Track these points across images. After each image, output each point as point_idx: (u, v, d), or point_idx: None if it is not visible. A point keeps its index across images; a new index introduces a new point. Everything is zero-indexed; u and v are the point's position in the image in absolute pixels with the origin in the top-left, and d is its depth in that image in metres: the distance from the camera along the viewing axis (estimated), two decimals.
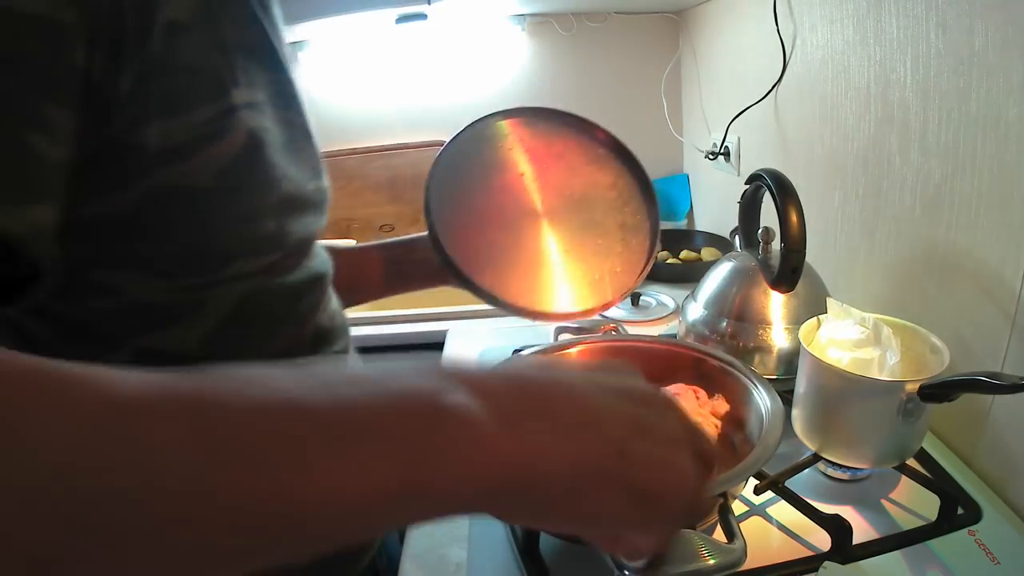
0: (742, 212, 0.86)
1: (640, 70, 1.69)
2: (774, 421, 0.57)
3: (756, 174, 0.79)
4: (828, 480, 0.66)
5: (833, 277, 0.88)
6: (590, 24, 1.66)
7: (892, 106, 0.78)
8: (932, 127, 0.71)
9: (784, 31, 1.03)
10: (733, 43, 1.31)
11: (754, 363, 0.76)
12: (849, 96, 0.88)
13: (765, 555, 0.55)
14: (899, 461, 0.61)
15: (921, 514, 0.59)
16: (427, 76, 1.72)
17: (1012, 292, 0.60)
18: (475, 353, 1.07)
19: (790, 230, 0.71)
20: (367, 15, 1.39)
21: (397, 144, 1.75)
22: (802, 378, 0.64)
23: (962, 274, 0.68)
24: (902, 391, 0.55)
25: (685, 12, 1.60)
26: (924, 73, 0.71)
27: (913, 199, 0.75)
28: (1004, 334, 0.62)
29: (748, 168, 1.17)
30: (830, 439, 0.62)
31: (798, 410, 0.65)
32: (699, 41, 1.52)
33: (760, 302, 0.77)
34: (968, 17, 0.64)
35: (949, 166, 0.68)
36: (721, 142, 1.33)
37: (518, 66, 1.70)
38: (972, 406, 0.65)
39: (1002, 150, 0.61)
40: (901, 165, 0.77)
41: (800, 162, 1.04)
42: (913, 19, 0.72)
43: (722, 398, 0.65)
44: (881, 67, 0.79)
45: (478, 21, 1.65)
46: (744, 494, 0.63)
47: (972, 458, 0.67)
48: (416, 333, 1.23)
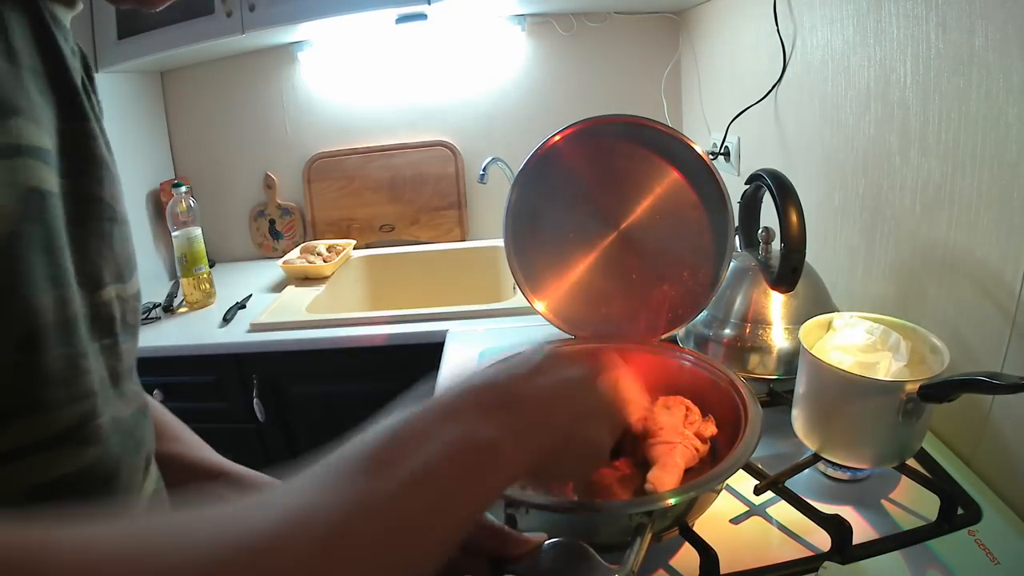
0: (742, 212, 0.86)
1: (640, 70, 1.69)
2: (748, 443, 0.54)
3: (756, 174, 0.79)
4: (828, 480, 0.66)
5: (833, 277, 0.88)
6: (590, 24, 1.66)
7: (892, 106, 0.78)
8: (932, 127, 0.71)
9: (784, 31, 1.03)
10: (733, 43, 1.31)
11: (754, 363, 0.76)
12: (849, 96, 0.88)
13: (765, 555, 0.55)
14: (899, 461, 0.61)
15: (921, 514, 0.59)
16: (427, 76, 1.72)
17: (1012, 292, 0.60)
18: (475, 353, 1.07)
19: (790, 230, 0.71)
20: (367, 15, 1.39)
21: (397, 144, 1.75)
22: (802, 378, 0.64)
23: (962, 274, 0.68)
24: (902, 391, 0.55)
25: (685, 12, 1.60)
26: (924, 73, 0.71)
27: (913, 199, 0.75)
28: (1004, 334, 0.62)
29: (748, 168, 1.17)
30: (830, 439, 0.62)
31: (798, 410, 0.65)
32: (699, 41, 1.52)
33: (760, 302, 0.77)
34: (968, 17, 0.64)
35: (949, 166, 0.68)
36: (721, 142, 1.33)
37: (518, 66, 1.71)
38: (972, 406, 0.65)
39: (1002, 150, 0.61)
40: (901, 165, 0.77)
41: (800, 162, 1.04)
42: (913, 19, 0.72)
43: (712, 421, 0.62)
44: (881, 67, 0.79)
45: (478, 21, 1.65)
46: (744, 494, 0.63)
47: (972, 458, 0.67)
48: (416, 333, 1.23)
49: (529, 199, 0.78)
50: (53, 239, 0.30)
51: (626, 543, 0.45)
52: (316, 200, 1.79)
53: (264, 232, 1.82)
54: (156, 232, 1.67)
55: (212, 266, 1.56)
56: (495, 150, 1.59)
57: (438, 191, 1.76)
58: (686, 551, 0.55)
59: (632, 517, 0.47)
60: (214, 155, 1.79)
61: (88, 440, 0.32)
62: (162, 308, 1.43)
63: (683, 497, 0.49)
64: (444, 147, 1.75)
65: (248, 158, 1.79)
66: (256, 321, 1.30)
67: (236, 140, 1.78)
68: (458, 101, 1.73)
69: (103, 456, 0.33)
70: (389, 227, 1.79)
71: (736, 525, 0.60)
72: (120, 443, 0.35)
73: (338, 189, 1.78)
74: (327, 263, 1.56)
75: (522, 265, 0.79)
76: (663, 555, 0.56)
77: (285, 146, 1.78)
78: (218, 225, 1.80)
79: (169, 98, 1.76)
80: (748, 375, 0.75)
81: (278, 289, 1.53)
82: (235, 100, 1.76)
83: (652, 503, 0.48)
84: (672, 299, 0.75)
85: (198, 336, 1.31)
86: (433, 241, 1.78)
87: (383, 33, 1.65)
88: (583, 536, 0.41)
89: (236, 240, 1.84)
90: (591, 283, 0.77)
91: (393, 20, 1.46)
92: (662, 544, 0.54)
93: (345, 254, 1.63)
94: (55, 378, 0.30)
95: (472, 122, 1.74)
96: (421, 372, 0.69)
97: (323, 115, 1.76)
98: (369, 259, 1.72)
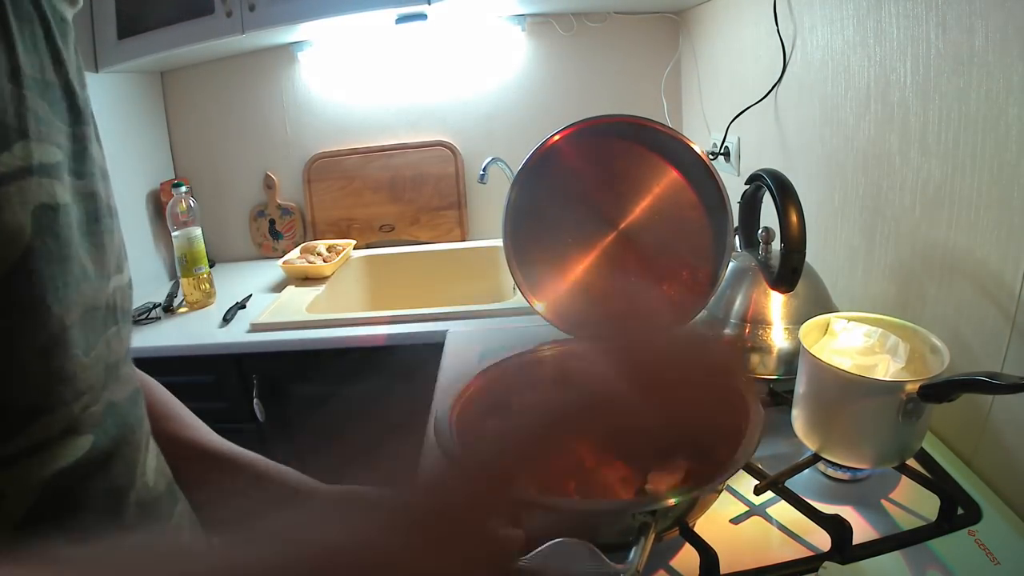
0: (742, 212, 0.86)
1: (640, 70, 1.69)
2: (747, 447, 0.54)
3: (756, 174, 0.79)
4: (828, 480, 0.66)
5: (833, 277, 0.88)
6: (590, 24, 1.66)
7: (892, 106, 0.78)
8: (932, 127, 0.71)
9: (784, 31, 1.03)
10: (733, 43, 1.31)
11: (754, 363, 0.76)
12: (849, 96, 0.88)
13: (765, 555, 0.55)
14: (899, 461, 0.61)
15: (921, 514, 0.59)
16: (427, 76, 1.72)
17: (1012, 292, 0.60)
18: (475, 353, 1.07)
19: (790, 230, 0.71)
20: (367, 15, 1.39)
21: (397, 144, 1.75)
22: (802, 378, 0.64)
23: (962, 274, 0.68)
24: (902, 391, 0.55)
25: (685, 12, 1.60)
26: (924, 73, 0.71)
27: (913, 199, 0.75)
28: (1004, 334, 0.62)
29: (748, 168, 1.17)
30: (830, 439, 0.62)
31: (798, 410, 0.65)
32: (699, 41, 1.52)
33: (760, 302, 0.77)
34: (968, 17, 0.64)
35: (949, 166, 0.68)
36: (721, 142, 1.33)
37: (518, 66, 1.70)
38: (972, 406, 0.65)
39: (1002, 150, 0.61)
40: (901, 165, 0.77)
41: (800, 162, 1.04)
42: (913, 19, 0.72)
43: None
44: (881, 67, 0.79)
45: (478, 21, 1.65)
46: (744, 494, 0.63)
47: (972, 458, 0.67)
48: (416, 333, 1.23)
49: (529, 199, 0.78)
50: (65, 248, 0.32)
51: (626, 543, 0.45)
52: (316, 200, 1.79)
53: (264, 232, 1.82)
54: (156, 232, 1.67)
55: (212, 266, 1.56)
56: (495, 150, 1.59)
57: (438, 191, 1.76)
58: (686, 551, 0.55)
59: (635, 516, 0.47)
60: (214, 155, 1.79)
61: (84, 428, 0.33)
62: (162, 308, 1.43)
63: (685, 497, 0.49)
64: (444, 147, 1.75)
65: (248, 158, 1.79)
66: (256, 321, 1.30)
67: (236, 140, 1.78)
68: (458, 101, 1.73)
69: (99, 441, 0.34)
70: (389, 227, 1.79)
71: (736, 525, 0.60)
72: (116, 426, 0.36)
73: (338, 189, 1.78)
74: (327, 263, 1.56)
75: (521, 265, 0.79)
76: (663, 555, 0.56)
77: (285, 146, 1.78)
78: (218, 225, 1.80)
79: (169, 98, 1.76)
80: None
81: (278, 289, 1.53)
82: (235, 100, 1.76)
83: (655, 502, 0.48)
84: (672, 299, 0.75)
85: (198, 336, 1.31)
86: (433, 241, 1.78)
87: (383, 33, 1.65)
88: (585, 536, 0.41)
89: (236, 240, 1.84)
90: (590, 283, 0.78)
91: (393, 20, 1.46)
92: (662, 544, 0.54)
93: (345, 254, 1.63)
94: (68, 376, 0.32)
95: (472, 122, 1.74)
96: (421, 372, 0.69)
97: (323, 115, 1.76)
98: (369, 259, 1.72)
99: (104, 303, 0.36)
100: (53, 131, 0.32)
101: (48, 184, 0.31)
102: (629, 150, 0.75)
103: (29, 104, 0.31)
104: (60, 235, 0.32)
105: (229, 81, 1.74)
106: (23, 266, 0.29)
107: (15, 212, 0.29)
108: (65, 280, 0.32)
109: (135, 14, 1.45)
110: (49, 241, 0.31)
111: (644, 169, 0.75)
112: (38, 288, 0.30)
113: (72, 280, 0.32)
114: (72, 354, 0.32)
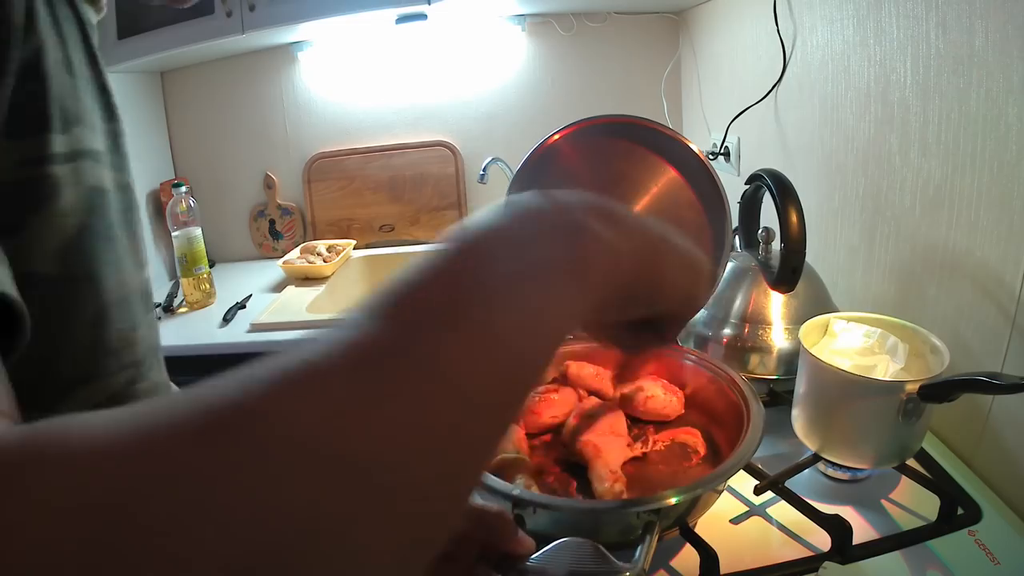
0: (742, 212, 0.86)
1: (640, 70, 1.69)
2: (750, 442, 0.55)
3: (756, 174, 0.79)
4: (828, 480, 0.66)
5: (833, 277, 0.88)
6: (590, 24, 1.66)
7: (892, 106, 0.78)
8: (932, 127, 0.71)
9: (784, 31, 1.03)
10: (733, 43, 1.31)
11: (754, 363, 0.76)
12: (849, 96, 0.88)
13: (765, 555, 0.55)
14: (899, 461, 0.61)
15: (921, 514, 0.59)
16: (427, 76, 1.72)
17: (1012, 292, 0.60)
18: None
19: (790, 230, 0.71)
20: (367, 15, 1.39)
21: (397, 144, 1.75)
22: (802, 378, 0.64)
23: (962, 274, 0.68)
24: (902, 391, 0.55)
25: (685, 12, 1.60)
26: (924, 73, 0.71)
27: (913, 199, 0.75)
28: (1004, 334, 0.62)
29: (748, 168, 1.17)
30: (830, 439, 0.62)
31: (798, 410, 0.65)
32: (699, 41, 1.52)
33: (760, 302, 0.77)
34: (968, 17, 0.64)
35: (949, 166, 0.68)
36: (721, 142, 1.33)
37: (518, 66, 1.70)
38: (972, 406, 0.65)
39: (1002, 150, 0.61)
40: (901, 165, 0.77)
41: (800, 162, 1.04)
42: (913, 19, 0.72)
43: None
44: (881, 67, 0.79)
45: (478, 21, 1.65)
46: (744, 494, 0.63)
47: (972, 458, 0.67)
48: None
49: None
50: (111, 228, 0.35)
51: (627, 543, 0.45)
52: (316, 200, 1.79)
53: (264, 232, 1.82)
54: (156, 232, 1.67)
55: (212, 266, 1.56)
56: (495, 150, 1.59)
57: (438, 191, 1.76)
58: (686, 551, 0.55)
59: (640, 516, 0.47)
60: (214, 155, 1.79)
61: (129, 402, 0.34)
62: (162, 308, 1.43)
63: (686, 496, 0.49)
64: (444, 147, 1.75)
65: (248, 158, 1.79)
66: (256, 321, 1.30)
67: (236, 140, 1.78)
68: (458, 101, 1.73)
69: None
70: (389, 227, 1.79)
71: (736, 525, 0.60)
72: None
73: (338, 189, 1.78)
74: (327, 263, 1.56)
75: None
76: (663, 555, 0.56)
77: (285, 146, 1.78)
78: (218, 225, 1.80)
79: (169, 98, 1.76)
80: (748, 375, 0.75)
81: (278, 289, 1.53)
82: (235, 100, 1.76)
83: (657, 502, 0.48)
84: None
85: (198, 336, 1.30)
86: (433, 241, 1.78)
87: (383, 33, 1.65)
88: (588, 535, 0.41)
89: (236, 240, 1.84)
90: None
91: (393, 20, 1.46)
92: (663, 544, 0.54)
93: (345, 254, 1.63)
94: (112, 348, 0.35)
95: (472, 122, 1.74)
96: None
97: (323, 115, 1.76)
98: (369, 259, 1.72)
99: (140, 288, 0.39)
100: (97, 123, 0.35)
101: (97, 169, 0.34)
102: (628, 150, 0.75)
103: (80, 95, 0.33)
104: (106, 217, 0.34)
105: (229, 81, 1.74)
106: (78, 242, 0.32)
107: (72, 190, 0.31)
108: (111, 258, 0.34)
109: (135, 14, 1.45)
110: (99, 221, 0.33)
111: (643, 169, 0.75)
112: (91, 263, 0.33)
113: (116, 259, 0.35)
114: (117, 328, 0.35)
